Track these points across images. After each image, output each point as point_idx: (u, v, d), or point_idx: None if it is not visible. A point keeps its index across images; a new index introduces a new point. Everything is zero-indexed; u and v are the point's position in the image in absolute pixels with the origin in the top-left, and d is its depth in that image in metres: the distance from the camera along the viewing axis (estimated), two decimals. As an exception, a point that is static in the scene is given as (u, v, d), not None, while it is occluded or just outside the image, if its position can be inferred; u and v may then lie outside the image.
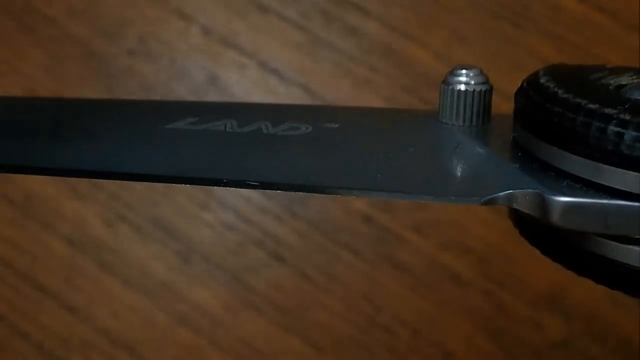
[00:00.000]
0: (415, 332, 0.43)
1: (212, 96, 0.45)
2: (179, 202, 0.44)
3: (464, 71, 0.21)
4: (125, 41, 0.46)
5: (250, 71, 0.46)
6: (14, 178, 0.44)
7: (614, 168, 0.17)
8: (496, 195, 0.19)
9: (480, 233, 0.44)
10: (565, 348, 0.43)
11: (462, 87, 0.21)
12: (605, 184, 0.18)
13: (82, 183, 0.45)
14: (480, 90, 0.21)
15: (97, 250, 0.44)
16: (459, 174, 0.21)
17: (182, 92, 0.45)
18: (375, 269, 0.44)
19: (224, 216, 0.44)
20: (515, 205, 0.19)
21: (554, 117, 0.18)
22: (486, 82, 0.22)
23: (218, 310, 0.43)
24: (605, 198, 0.18)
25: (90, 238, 0.44)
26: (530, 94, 0.20)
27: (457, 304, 0.43)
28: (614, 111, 0.18)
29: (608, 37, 0.45)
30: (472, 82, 0.21)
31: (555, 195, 0.18)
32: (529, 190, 0.18)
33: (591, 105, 0.18)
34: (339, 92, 0.45)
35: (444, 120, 0.22)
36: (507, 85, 0.44)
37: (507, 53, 0.45)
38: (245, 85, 0.46)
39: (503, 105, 0.21)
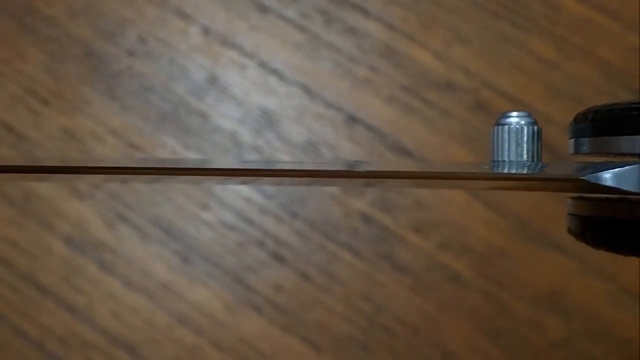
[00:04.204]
0: (415, 332, 0.43)
1: (212, 96, 0.45)
2: (179, 202, 0.44)
3: (515, 113, 0.22)
4: (125, 41, 0.46)
5: (250, 71, 0.46)
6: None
7: None
8: (600, 172, 0.19)
9: (480, 233, 0.44)
10: (565, 348, 0.43)
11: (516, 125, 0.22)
12: None
13: (82, 183, 0.45)
14: (534, 128, 0.22)
15: (97, 250, 0.44)
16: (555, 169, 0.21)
17: (182, 92, 0.45)
18: (375, 269, 0.44)
19: (224, 216, 0.44)
20: (615, 184, 0.19)
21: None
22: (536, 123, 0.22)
23: (218, 310, 0.43)
24: None
25: (90, 238, 0.44)
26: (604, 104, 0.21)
27: (457, 304, 0.43)
28: None
29: (608, 37, 0.45)
30: (523, 122, 0.22)
31: None
32: (630, 166, 0.19)
33: None
34: (339, 92, 0.45)
35: (498, 159, 0.22)
36: (507, 85, 0.44)
37: (507, 53, 0.45)
38: (245, 85, 0.46)
39: (504, 105, 0.21)
